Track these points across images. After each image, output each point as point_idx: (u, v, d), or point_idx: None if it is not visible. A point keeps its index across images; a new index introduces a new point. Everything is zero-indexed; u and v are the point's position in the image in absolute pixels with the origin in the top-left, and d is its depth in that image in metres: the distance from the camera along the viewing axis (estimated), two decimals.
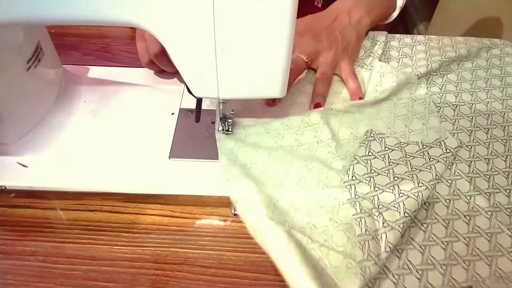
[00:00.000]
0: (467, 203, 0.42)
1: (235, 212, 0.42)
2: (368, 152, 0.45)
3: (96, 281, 0.37)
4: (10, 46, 0.42)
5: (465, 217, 0.41)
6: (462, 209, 0.41)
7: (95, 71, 0.56)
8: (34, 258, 0.38)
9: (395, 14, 0.66)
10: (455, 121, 0.50)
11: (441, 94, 0.54)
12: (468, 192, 0.43)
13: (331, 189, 0.42)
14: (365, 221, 0.39)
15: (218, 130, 0.48)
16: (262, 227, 0.38)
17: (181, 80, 0.51)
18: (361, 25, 0.59)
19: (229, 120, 0.46)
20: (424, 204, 0.41)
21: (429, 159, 0.45)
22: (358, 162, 0.44)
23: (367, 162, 0.44)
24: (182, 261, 0.39)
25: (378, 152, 0.45)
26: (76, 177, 0.44)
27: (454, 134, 0.49)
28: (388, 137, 0.47)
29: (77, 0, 0.34)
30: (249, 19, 0.34)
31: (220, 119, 0.46)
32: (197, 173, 0.44)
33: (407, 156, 0.45)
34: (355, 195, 0.41)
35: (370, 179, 0.43)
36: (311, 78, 0.56)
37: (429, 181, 0.42)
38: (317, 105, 0.52)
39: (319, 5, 0.78)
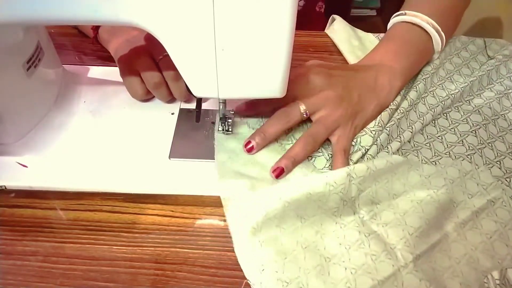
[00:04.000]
0: None
1: None
2: None
3: (96, 281, 0.37)
4: (10, 46, 0.42)
5: None
6: None
7: (95, 71, 0.56)
8: (34, 258, 0.38)
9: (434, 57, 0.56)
10: None
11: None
12: None
13: None
14: None
15: (218, 130, 0.48)
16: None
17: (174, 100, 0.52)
18: (389, 92, 0.49)
19: (229, 120, 0.46)
20: None
21: None
22: None
23: None
24: (182, 261, 0.39)
25: None
26: (76, 177, 0.44)
27: None
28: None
29: (77, 0, 0.34)
30: (249, 19, 0.34)
31: (220, 119, 0.46)
32: (197, 173, 0.44)
33: None
34: None
35: None
36: None
37: None
38: (279, 173, 0.43)
39: (322, 10, 0.78)
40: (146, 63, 0.48)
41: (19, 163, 0.44)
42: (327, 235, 0.40)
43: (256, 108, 0.49)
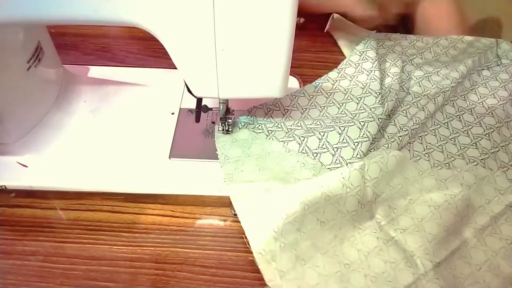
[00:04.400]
0: None
1: (235, 212, 0.42)
2: None
3: (96, 281, 0.37)
4: (11, 46, 0.42)
5: None
6: None
7: (95, 71, 0.56)
8: (34, 258, 0.38)
9: None
10: None
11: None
12: None
13: None
14: None
15: (218, 130, 0.48)
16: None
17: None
18: None
19: (229, 120, 0.46)
20: None
21: None
22: None
23: None
24: (182, 261, 0.39)
25: None
26: (76, 177, 0.44)
27: None
28: None
29: (77, 0, 0.34)
30: (249, 19, 0.34)
31: (220, 119, 0.46)
32: (197, 173, 0.44)
33: None
34: None
35: None
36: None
37: None
38: None
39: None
40: None
41: (19, 163, 0.44)
42: (345, 241, 0.39)
43: None
